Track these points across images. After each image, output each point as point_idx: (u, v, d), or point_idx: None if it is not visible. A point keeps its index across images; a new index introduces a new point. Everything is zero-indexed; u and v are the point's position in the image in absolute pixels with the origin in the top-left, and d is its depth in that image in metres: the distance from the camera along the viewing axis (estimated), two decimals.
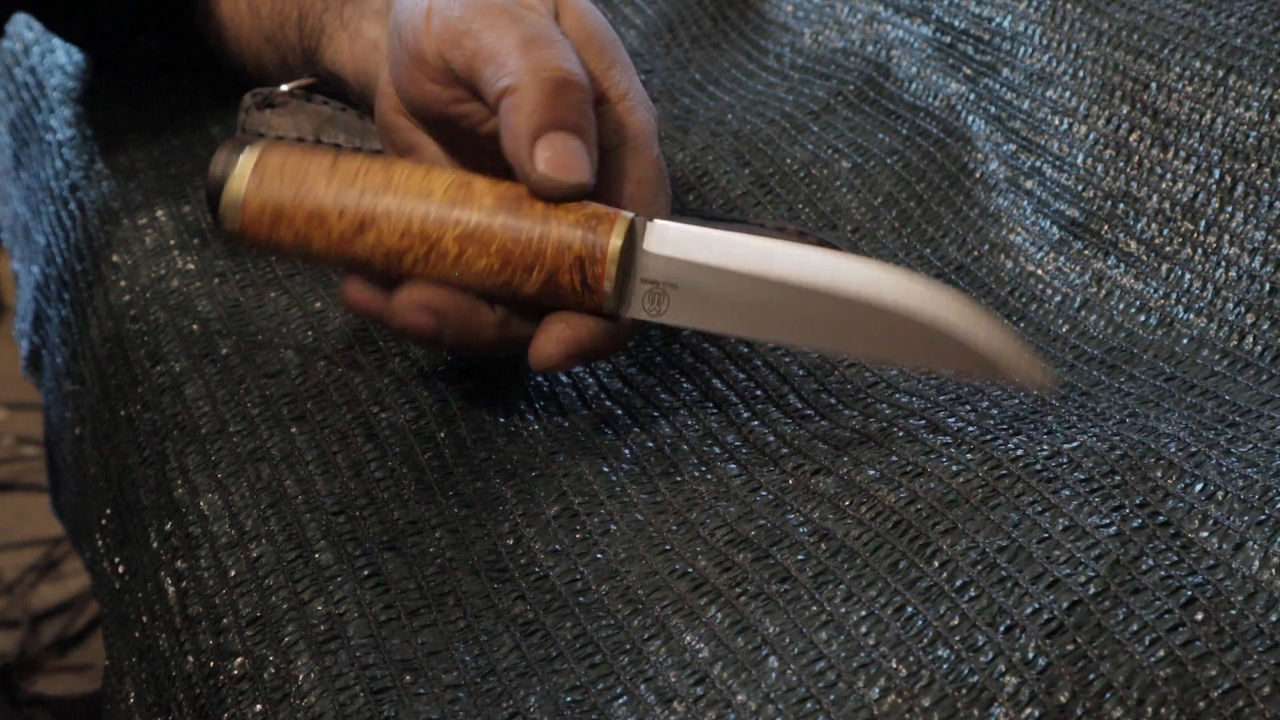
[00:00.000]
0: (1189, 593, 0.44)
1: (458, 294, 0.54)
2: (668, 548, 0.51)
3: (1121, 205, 0.63)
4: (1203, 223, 0.60)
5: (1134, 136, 0.64)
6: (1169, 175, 0.62)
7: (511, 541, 0.53)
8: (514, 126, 0.52)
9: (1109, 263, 0.62)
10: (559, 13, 0.56)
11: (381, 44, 0.63)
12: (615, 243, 0.52)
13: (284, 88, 0.68)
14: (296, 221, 0.53)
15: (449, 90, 0.55)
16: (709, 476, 0.54)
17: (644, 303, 0.53)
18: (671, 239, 0.52)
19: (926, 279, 0.52)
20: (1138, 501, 0.48)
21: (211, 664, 0.52)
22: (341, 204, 0.53)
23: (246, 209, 0.54)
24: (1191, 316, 0.58)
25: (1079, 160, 0.65)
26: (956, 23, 0.74)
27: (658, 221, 0.53)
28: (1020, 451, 0.50)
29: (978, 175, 0.68)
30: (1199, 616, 0.44)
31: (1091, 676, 0.42)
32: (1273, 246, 0.58)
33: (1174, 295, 0.59)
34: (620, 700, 0.47)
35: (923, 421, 0.53)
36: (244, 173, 0.54)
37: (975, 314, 0.51)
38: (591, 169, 0.52)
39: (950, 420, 0.53)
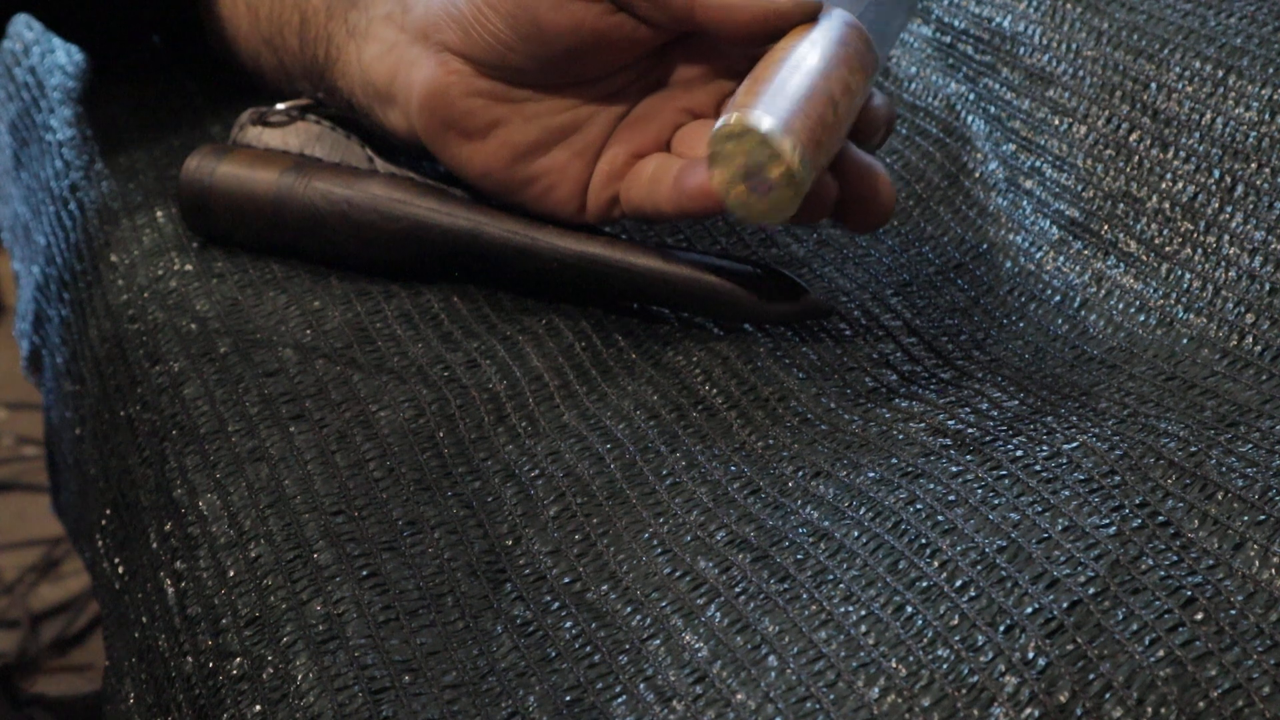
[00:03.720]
0: (1189, 593, 0.44)
1: None
2: (667, 548, 0.51)
3: (1121, 205, 0.63)
4: (1203, 223, 0.60)
5: (1134, 136, 0.64)
6: (1169, 175, 0.62)
7: (511, 542, 0.53)
8: (731, 5, 0.55)
9: (1109, 263, 0.62)
10: None
11: (399, 45, 0.63)
12: None
13: (280, 107, 0.68)
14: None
15: (597, 4, 0.57)
16: (708, 478, 0.54)
17: None
18: None
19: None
20: (1137, 501, 0.48)
21: (210, 664, 0.52)
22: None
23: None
24: (1191, 316, 0.58)
25: (1079, 160, 0.65)
26: (956, 23, 0.74)
27: None
28: (1020, 452, 0.50)
29: (977, 175, 0.67)
30: (1199, 616, 0.43)
31: (1091, 676, 0.42)
32: (1273, 246, 0.58)
33: (1174, 295, 0.59)
34: (620, 700, 0.47)
35: (922, 425, 0.53)
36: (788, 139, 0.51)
37: None
38: None
39: (950, 422, 0.53)
